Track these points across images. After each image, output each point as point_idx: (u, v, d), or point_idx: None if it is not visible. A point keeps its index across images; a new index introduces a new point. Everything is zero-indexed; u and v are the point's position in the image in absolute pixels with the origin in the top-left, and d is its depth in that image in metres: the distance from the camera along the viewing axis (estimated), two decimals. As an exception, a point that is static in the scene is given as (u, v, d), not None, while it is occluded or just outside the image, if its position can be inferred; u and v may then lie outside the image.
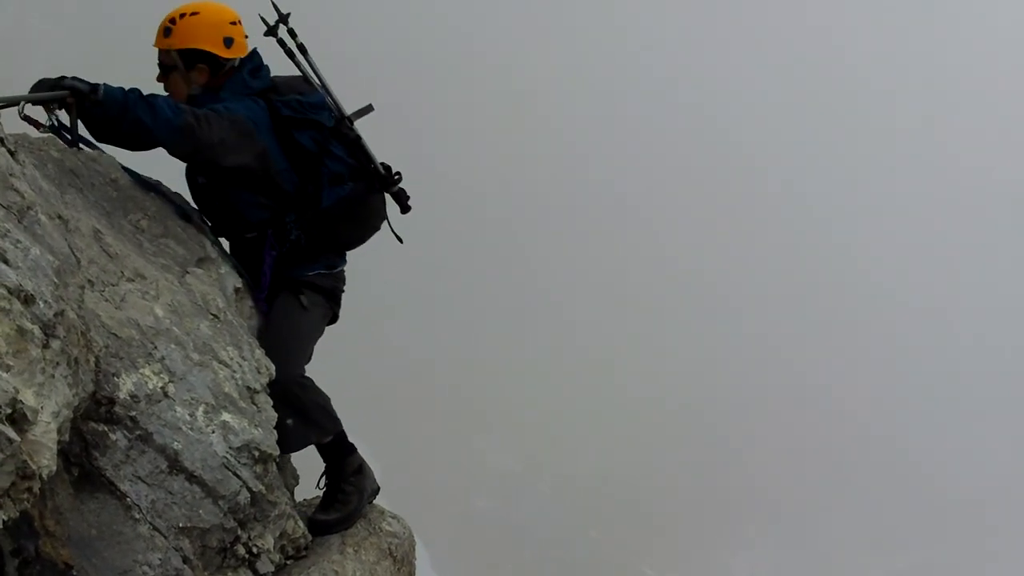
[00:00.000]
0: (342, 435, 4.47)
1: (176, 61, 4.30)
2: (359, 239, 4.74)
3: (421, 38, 42.28)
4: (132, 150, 4.07)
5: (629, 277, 41.34)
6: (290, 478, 4.26)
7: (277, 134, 4.37)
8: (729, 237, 45.74)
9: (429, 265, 35.64)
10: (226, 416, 3.40)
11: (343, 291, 4.74)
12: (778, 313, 42.87)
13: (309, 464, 4.51)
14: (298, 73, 4.61)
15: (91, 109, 3.87)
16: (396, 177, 4.64)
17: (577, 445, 32.79)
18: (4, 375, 2.28)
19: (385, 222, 4.76)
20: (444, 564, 25.39)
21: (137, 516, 2.98)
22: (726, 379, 38.16)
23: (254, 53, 4.49)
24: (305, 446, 4.31)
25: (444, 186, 38.55)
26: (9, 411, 2.26)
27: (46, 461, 2.36)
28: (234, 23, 4.36)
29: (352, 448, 4.51)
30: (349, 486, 4.41)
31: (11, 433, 2.24)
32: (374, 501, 4.60)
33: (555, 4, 49.74)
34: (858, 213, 50.71)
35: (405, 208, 4.72)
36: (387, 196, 4.74)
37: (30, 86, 4.06)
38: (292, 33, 4.49)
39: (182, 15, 4.30)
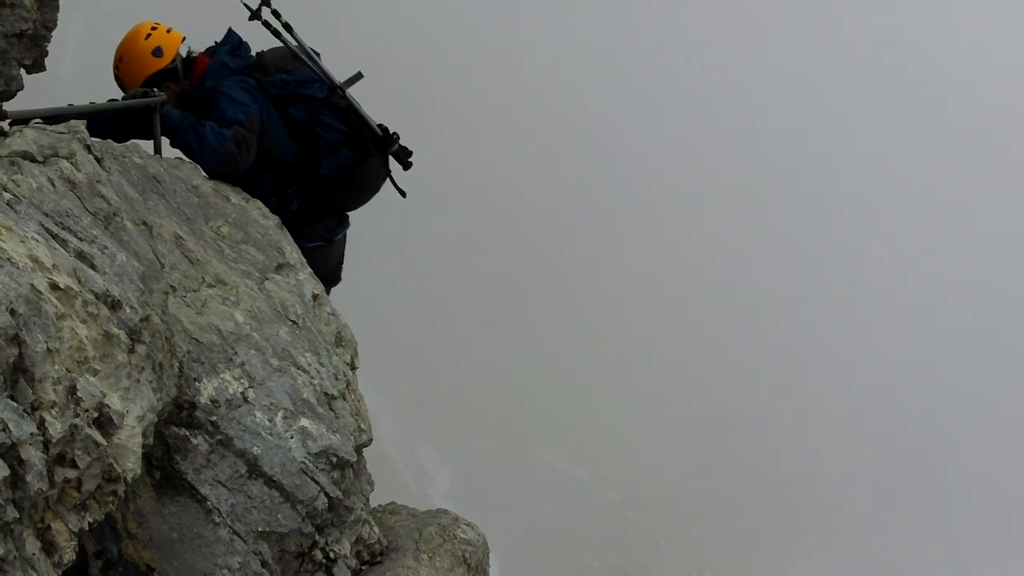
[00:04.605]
0: None
1: (149, 91, 4.45)
2: (357, 203, 4.95)
3: (424, 37, 42.18)
4: None
5: (694, 290, 40.86)
6: (365, 484, 4.27)
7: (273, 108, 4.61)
8: (785, 250, 44.83)
9: (490, 281, 35.74)
10: (304, 422, 3.41)
11: (343, 258, 5.02)
12: (832, 328, 41.97)
13: (383, 471, 4.52)
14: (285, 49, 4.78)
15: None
16: (394, 136, 4.80)
17: (645, 454, 32.53)
18: (91, 379, 2.31)
19: (388, 182, 5.01)
20: (511, 573, 25.33)
21: (217, 520, 3.00)
22: (788, 392, 37.54)
23: (230, 33, 4.66)
24: None
25: (500, 197, 38.62)
26: (96, 415, 2.29)
27: (131, 465, 2.38)
28: (148, 35, 4.49)
29: None
30: None
31: (98, 436, 2.27)
32: (448, 509, 4.59)
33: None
34: (907, 219, 49.23)
35: (407, 165, 4.90)
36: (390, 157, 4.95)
37: (107, 96, 4.30)
38: (276, 14, 4.66)
39: (117, 67, 4.51)
